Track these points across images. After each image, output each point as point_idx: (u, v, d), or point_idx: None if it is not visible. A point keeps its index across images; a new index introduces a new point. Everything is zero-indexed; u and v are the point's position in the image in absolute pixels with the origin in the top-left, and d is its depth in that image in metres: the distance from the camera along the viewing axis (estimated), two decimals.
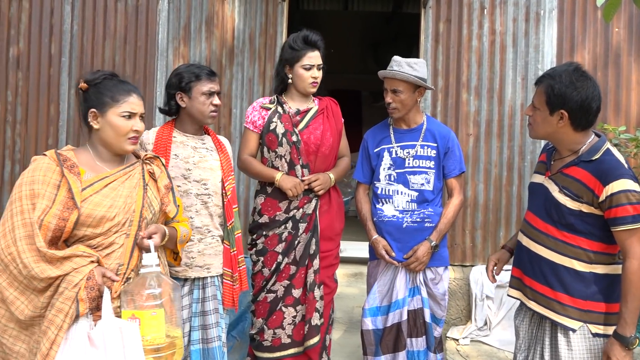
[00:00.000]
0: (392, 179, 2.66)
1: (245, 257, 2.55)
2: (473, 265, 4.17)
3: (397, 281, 2.63)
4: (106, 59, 4.27)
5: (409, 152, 2.66)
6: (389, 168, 2.67)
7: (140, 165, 1.90)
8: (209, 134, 2.48)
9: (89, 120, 1.80)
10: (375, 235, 2.65)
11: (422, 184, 2.63)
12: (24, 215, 1.66)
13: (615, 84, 4.18)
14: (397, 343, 2.62)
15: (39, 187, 1.69)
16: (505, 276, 4.05)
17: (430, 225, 2.64)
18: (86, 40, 4.28)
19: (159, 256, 1.84)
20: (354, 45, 8.06)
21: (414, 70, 2.56)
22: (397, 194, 2.65)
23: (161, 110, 2.44)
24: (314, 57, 2.61)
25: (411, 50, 6.97)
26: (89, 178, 1.76)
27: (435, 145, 2.67)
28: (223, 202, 2.39)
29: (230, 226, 2.40)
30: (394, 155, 2.67)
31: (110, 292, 1.67)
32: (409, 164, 2.65)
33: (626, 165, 1.85)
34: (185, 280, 2.32)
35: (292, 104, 2.70)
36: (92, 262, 1.68)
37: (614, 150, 1.90)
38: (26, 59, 4.28)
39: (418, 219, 2.63)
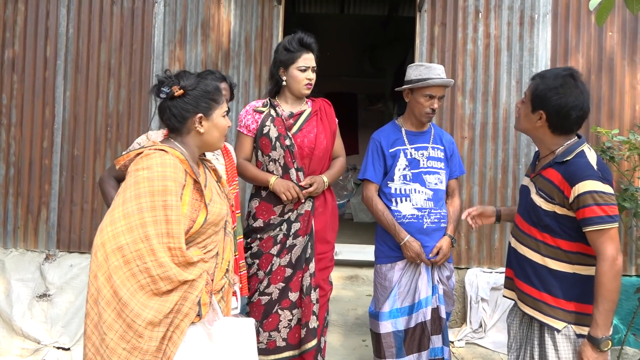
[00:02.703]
0: (408, 178, 2.70)
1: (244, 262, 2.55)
2: (468, 268, 4.18)
3: (419, 281, 2.67)
4: (102, 62, 4.27)
5: (422, 154, 2.74)
6: (404, 168, 2.71)
7: (202, 164, 1.96)
8: None
9: (195, 125, 1.78)
10: (407, 237, 2.65)
11: (436, 184, 2.72)
12: (155, 212, 1.58)
13: (609, 87, 4.21)
14: (422, 342, 2.65)
15: (171, 184, 1.63)
16: (499, 279, 4.09)
17: (444, 225, 2.75)
18: (82, 43, 4.28)
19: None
20: (350, 48, 8.08)
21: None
22: (414, 192, 2.70)
23: None
24: (309, 59, 2.63)
25: (407, 53, 7.00)
26: (200, 178, 1.79)
27: (443, 148, 2.80)
28: None
29: (232, 231, 2.41)
30: (409, 156, 2.73)
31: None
32: (423, 164, 2.73)
33: (596, 167, 1.86)
34: None
35: (285, 107, 2.70)
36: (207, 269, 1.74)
37: (588, 152, 1.92)
38: (21, 62, 4.28)
39: (436, 220, 2.71)
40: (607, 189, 1.82)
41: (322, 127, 2.70)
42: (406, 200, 2.69)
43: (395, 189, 2.70)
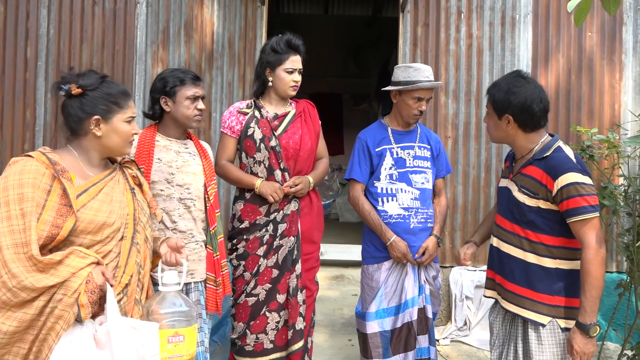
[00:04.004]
0: (395, 178, 2.70)
1: (226, 262, 2.54)
2: (452, 267, 4.22)
3: (406, 281, 2.68)
4: (84, 64, 4.23)
5: (409, 153, 2.74)
6: (390, 168, 2.71)
7: (120, 169, 1.88)
8: (191, 139, 2.48)
9: (91, 127, 1.72)
10: (394, 237, 2.65)
11: (423, 183, 2.73)
12: (11, 222, 1.52)
13: (589, 87, 4.27)
14: (408, 342, 2.66)
15: (28, 190, 1.56)
16: (483, 277, 4.12)
17: (431, 225, 2.76)
18: (63, 44, 4.24)
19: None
20: (335, 48, 8.10)
21: None
22: (401, 192, 2.70)
23: (146, 115, 2.43)
24: (296, 61, 2.63)
25: (391, 53, 7.04)
26: (81, 184, 1.69)
27: (429, 147, 2.81)
28: (206, 206, 2.39)
29: (213, 231, 2.40)
30: (395, 156, 2.73)
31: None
32: (410, 163, 2.73)
33: (575, 160, 1.95)
34: None
35: (270, 108, 2.70)
36: (91, 263, 1.59)
37: (565, 148, 2.00)
38: (1, 63, 4.22)
39: (422, 219, 2.71)
40: (588, 180, 1.90)
41: (306, 129, 2.70)
42: (392, 200, 2.69)
43: (382, 189, 2.71)
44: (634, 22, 4.28)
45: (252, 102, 2.70)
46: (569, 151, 1.98)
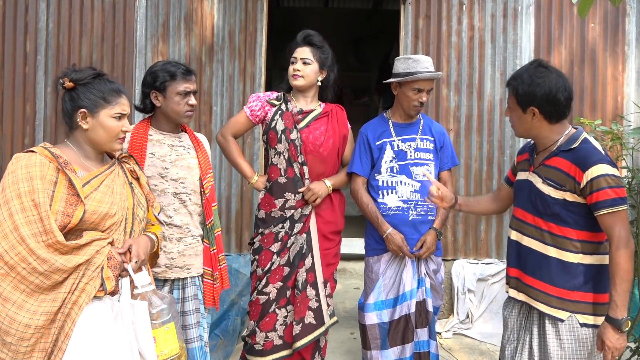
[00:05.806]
0: (395, 170, 2.70)
1: (226, 256, 2.53)
2: (455, 259, 4.21)
3: (404, 274, 2.67)
4: (83, 57, 4.20)
5: (410, 145, 2.73)
6: (391, 160, 2.71)
7: (118, 164, 1.91)
8: (186, 132, 2.45)
9: (78, 120, 1.78)
10: (390, 229, 2.65)
11: (424, 175, 2.69)
12: (27, 213, 1.59)
13: (592, 79, 4.25)
14: (406, 335, 2.66)
15: (37, 183, 1.63)
16: (485, 269, 4.13)
17: (432, 218, 2.74)
18: (62, 38, 4.21)
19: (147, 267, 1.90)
20: (335, 42, 8.01)
21: None
22: (401, 184, 2.69)
23: (137, 108, 2.40)
24: (299, 52, 2.70)
25: (392, 46, 7.00)
26: (83, 176, 1.75)
27: (433, 139, 2.79)
28: (202, 200, 2.36)
29: (209, 225, 2.38)
30: (395, 148, 2.72)
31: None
32: (410, 156, 2.71)
33: (603, 152, 1.91)
34: (165, 281, 2.29)
35: (298, 104, 2.73)
36: (109, 243, 1.72)
37: (592, 139, 1.96)
38: (0, 58, 4.19)
39: (422, 212, 2.70)
40: (617, 172, 1.87)
41: (330, 127, 2.72)
42: (392, 193, 2.69)
43: (382, 182, 2.70)
44: (637, 13, 4.25)
45: (282, 95, 2.73)
46: (596, 143, 1.94)
